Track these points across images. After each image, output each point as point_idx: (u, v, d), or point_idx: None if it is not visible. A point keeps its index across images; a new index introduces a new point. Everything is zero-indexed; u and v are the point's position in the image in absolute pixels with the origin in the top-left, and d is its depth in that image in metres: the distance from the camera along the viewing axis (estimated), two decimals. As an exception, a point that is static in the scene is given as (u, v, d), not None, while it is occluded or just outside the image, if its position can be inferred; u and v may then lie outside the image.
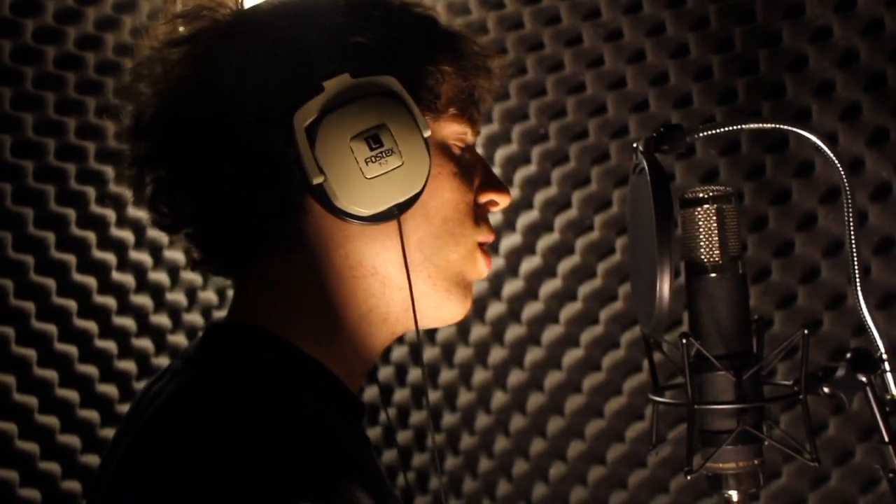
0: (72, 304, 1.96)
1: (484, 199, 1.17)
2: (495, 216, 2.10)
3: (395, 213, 1.05)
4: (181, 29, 1.12)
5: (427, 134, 1.06)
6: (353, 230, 1.08)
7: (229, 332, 1.14)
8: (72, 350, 1.96)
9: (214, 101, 1.06)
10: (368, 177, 1.02)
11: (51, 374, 1.92)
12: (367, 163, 1.01)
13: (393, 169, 1.03)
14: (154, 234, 2.09)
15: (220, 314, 2.12)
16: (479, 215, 1.16)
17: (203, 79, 1.08)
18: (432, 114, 1.11)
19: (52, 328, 1.93)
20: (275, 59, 1.05)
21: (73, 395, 1.96)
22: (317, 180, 1.01)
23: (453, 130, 1.14)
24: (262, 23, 1.10)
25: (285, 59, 1.05)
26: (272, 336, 1.09)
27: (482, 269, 1.18)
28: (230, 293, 2.05)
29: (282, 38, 1.06)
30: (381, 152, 1.02)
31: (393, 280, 1.11)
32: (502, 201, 1.19)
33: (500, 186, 1.19)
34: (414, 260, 1.10)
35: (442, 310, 1.16)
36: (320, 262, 1.09)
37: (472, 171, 1.16)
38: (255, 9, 1.14)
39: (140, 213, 2.02)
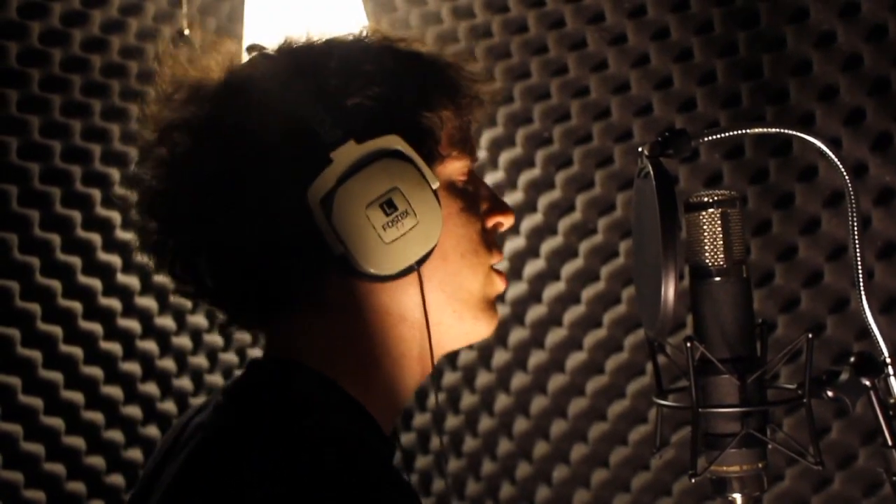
0: (77, 307, 1.97)
1: (491, 222, 1.18)
2: (499, 219, 2.10)
3: (416, 268, 1.06)
4: (179, 107, 1.11)
5: (436, 186, 1.06)
6: (376, 286, 1.08)
7: (271, 367, 1.14)
8: (77, 352, 1.96)
9: (225, 178, 1.06)
10: (387, 241, 1.03)
11: (56, 376, 1.93)
12: (384, 228, 1.03)
13: (410, 230, 1.04)
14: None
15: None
16: (488, 240, 1.17)
17: (210, 157, 1.07)
18: (436, 160, 1.11)
19: (57, 330, 1.93)
20: (279, 133, 1.05)
21: (77, 396, 1.97)
22: (338, 252, 1.02)
23: (456, 168, 1.14)
24: (259, 90, 1.08)
25: (289, 132, 1.04)
26: (313, 372, 1.10)
27: (500, 285, 1.19)
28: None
29: (282, 108, 1.06)
30: (396, 216, 1.03)
31: (421, 323, 1.12)
32: (507, 221, 1.19)
33: (504, 208, 1.19)
34: (438, 300, 1.11)
35: (472, 333, 1.18)
36: (349, 316, 1.10)
37: (477, 199, 1.17)
38: (248, 74, 1.11)
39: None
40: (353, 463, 0.97)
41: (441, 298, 1.12)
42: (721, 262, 1.14)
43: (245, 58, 1.13)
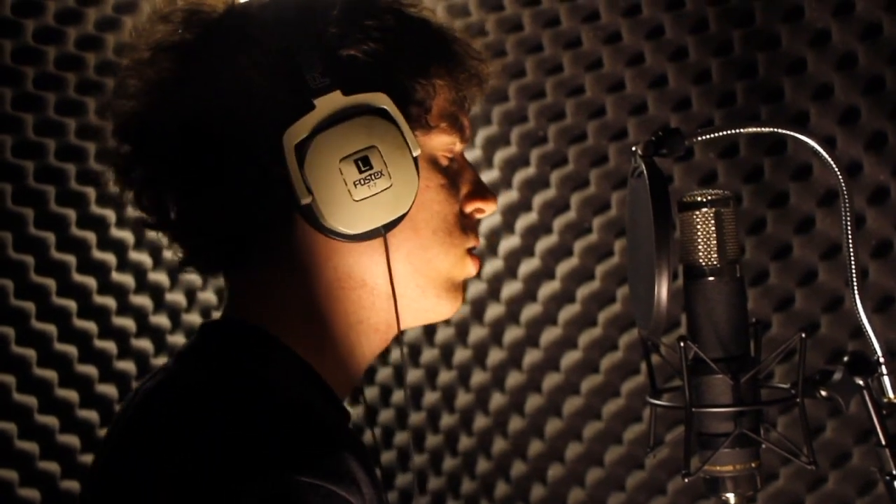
0: (72, 305, 1.97)
1: (470, 207, 1.17)
2: (493, 219, 2.10)
3: (382, 232, 1.05)
4: (172, 29, 1.10)
5: (417, 153, 1.05)
6: (340, 245, 1.08)
7: (223, 329, 1.14)
8: (71, 350, 1.96)
9: (204, 108, 1.05)
10: (356, 199, 1.02)
11: (50, 375, 1.92)
12: (355, 185, 1.02)
13: (381, 191, 1.03)
14: (154, 234, 2.10)
15: (220, 315, 2.12)
16: (466, 223, 1.17)
17: (193, 83, 1.06)
18: (422, 129, 1.10)
19: (51, 328, 1.93)
20: (266, 71, 1.04)
21: (72, 395, 1.97)
22: (304, 200, 1.01)
23: (442, 142, 1.13)
24: (255, 28, 1.07)
25: (277, 72, 1.04)
26: (266, 334, 1.09)
27: (471, 269, 1.18)
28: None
29: (274, 48, 1.05)
30: (369, 175, 1.02)
31: (382, 291, 1.11)
32: (489, 208, 1.19)
33: (487, 194, 1.19)
34: (403, 271, 1.10)
35: (433, 312, 1.17)
36: (308, 275, 1.09)
37: (460, 180, 1.17)
38: (246, 8, 1.11)
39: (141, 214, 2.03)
40: (283, 426, 0.96)
41: (407, 270, 1.11)
42: (715, 262, 1.14)
43: None
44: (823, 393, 1.17)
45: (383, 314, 1.13)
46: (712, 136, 1.17)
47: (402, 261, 1.10)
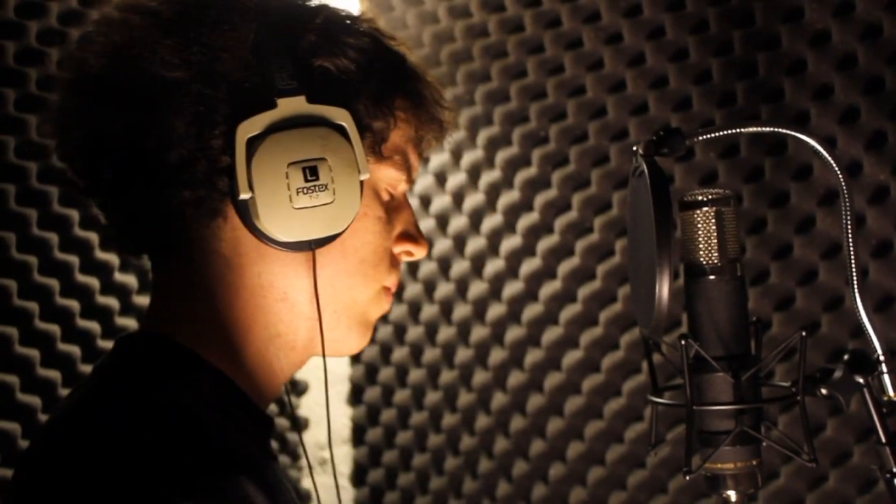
0: (75, 305, 1.97)
1: (400, 248, 1.17)
2: (495, 219, 2.11)
3: (312, 246, 1.05)
4: None
5: (365, 177, 1.05)
6: (269, 251, 1.06)
7: (136, 344, 1.12)
8: (75, 350, 1.96)
9: (166, 79, 1.02)
10: (295, 206, 1.01)
11: (54, 375, 1.93)
12: (298, 192, 1.01)
13: (322, 205, 1.02)
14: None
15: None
16: (392, 261, 1.16)
17: (161, 51, 1.02)
18: (374, 157, 1.10)
19: (55, 328, 1.93)
20: (237, 59, 1.02)
21: (75, 395, 1.97)
22: (244, 196, 1.00)
23: (389, 175, 1.13)
24: (235, 13, 1.05)
25: (247, 63, 1.03)
26: (179, 347, 1.08)
27: (385, 307, 1.18)
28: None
29: (251, 39, 1.03)
30: (314, 185, 1.01)
31: (301, 309, 1.10)
32: (418, 253, 1.18)
33: (420, 238, 1.18)
34: (324, 293, 1.09)
35: (341, 343, 1.15)
36: (232, 275, 1.08)
37: (397, 218, 1.16)
38: None
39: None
40: (173, 451, 0.94)
41: (327, 293, 1.09)
42: (715, 261, 1.14)
43: None
44: (824, 391, 1.17)
45: (300, 333, 1.11)
46: (713, 135, 1.17)
47: (324, 282, 1.08)
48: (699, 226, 1.15)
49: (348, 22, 1.11)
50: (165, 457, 0.93)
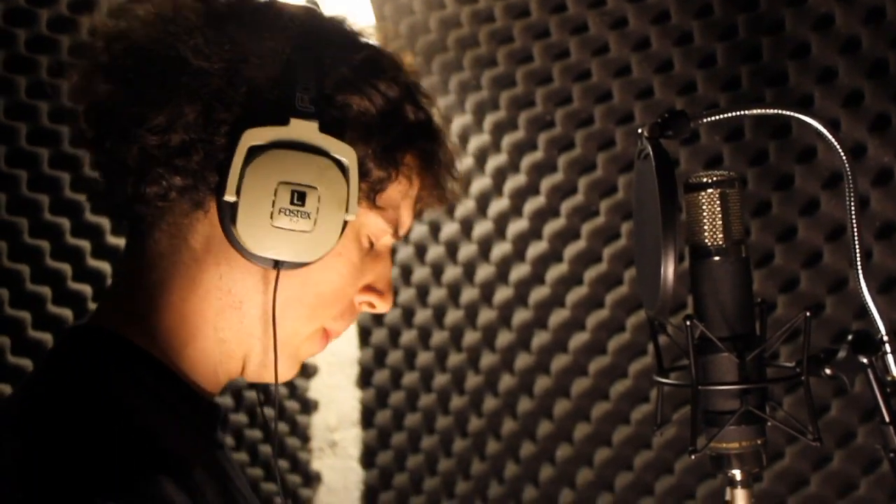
0: (87, 289, 1.99)
1: (364, 297, 1.16)
2: (502, 203, 2.12)
3: (276, 266, 1.05)
4: None
5: (350, 218, 1.05)
6: (235, 257, 1.06)
7: (78, 336, 1.11)
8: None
9: (191, 59, 1.03)
10: (274, 224, 1.01)
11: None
12: (280, 212, 1.01)
13: (299, 231, 1.02)
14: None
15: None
16: (348, 309, 1.16)
17: (197, 33, 1.04)
18: (367, 202, 1.10)
19: (67, 312, 1.95)
20: (265, 66, 1.04)
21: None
22: (229, 198, 1.00)
23: (376, 225, 1.12)
24: (283, 22, 1.07)
25: (274, 74, 1.04)
26: (122, 340, 1.07)
27: (317, 349, 1.17)
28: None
29: (286, 52, 1.05)
30: (298, 211, 1.02)
31: (250, 323, 1.10)
32: (380, 307, 1.17)
33: (386, 294, 1.17)
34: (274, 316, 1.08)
35: (268, 369, 1.13)
36: (196, 268, 1.08)
37: (371, 268, 1.15)
38: (289, 6, 1.10)
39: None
40: (95, 450, 0.95)
41: (277, 314, 1.08)
42: (720, 242, 1.15)
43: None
44: (828, 371, 1.18)
45: (242, 346, 1.11)
46: (718, 118, 1.17)
47: (278, 304, 1.08)
48: (704, 207, 1.15)
49: (387, 68, 1.11)
50: (89, 456, 0.94)
